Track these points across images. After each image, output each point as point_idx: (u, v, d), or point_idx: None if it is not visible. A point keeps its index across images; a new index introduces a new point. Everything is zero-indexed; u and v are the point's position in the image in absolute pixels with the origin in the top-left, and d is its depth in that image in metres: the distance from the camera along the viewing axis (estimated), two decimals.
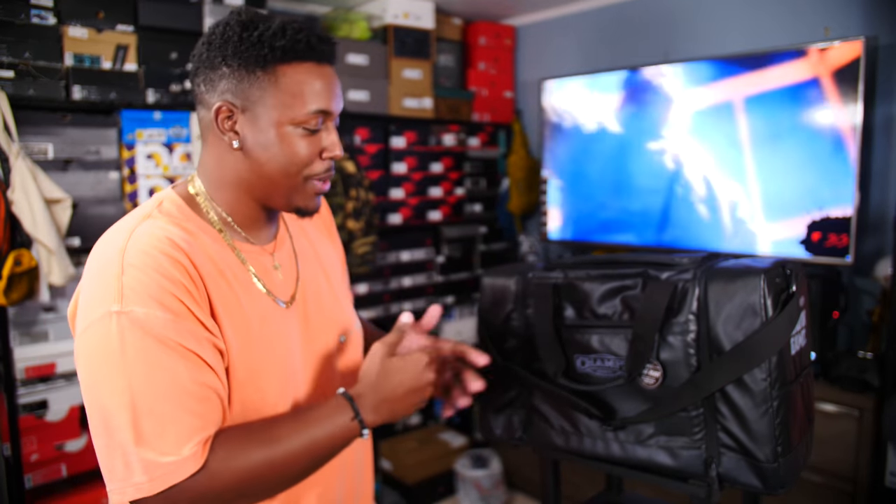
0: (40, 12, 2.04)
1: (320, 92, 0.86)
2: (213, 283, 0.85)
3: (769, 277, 0.94)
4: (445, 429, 3.21)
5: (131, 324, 0.75)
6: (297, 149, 0.87)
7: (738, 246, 2.46)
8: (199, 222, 0.89)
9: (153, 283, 0.77)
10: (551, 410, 1.14)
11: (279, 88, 0.84)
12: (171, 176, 2.32)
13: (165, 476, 0.75)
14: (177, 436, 0.76)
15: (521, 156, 3.35)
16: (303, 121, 0.86)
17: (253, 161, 0.88)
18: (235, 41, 0.84)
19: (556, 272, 1.13)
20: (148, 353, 0.76)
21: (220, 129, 0.87)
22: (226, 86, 0.85)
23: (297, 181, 0.89)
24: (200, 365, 0.79)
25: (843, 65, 2.16)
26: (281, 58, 0.84)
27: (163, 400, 0.76)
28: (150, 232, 0.82)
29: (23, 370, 2.05)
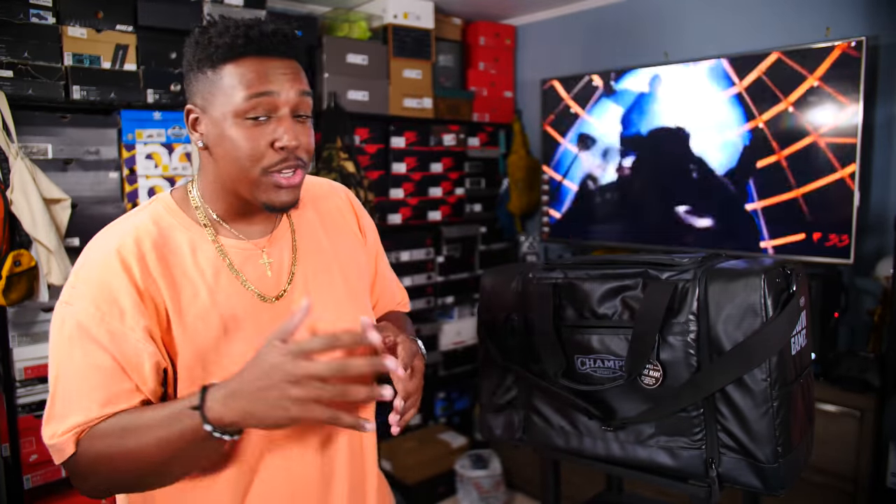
0: (39, 12, 2.04)
1: (257, 80, 0.85)
2: (178, 280, 0.88)
3: (769, 277, 0.93)
4: (445, 429, 3.21)
5: (71, 316, 0.84)
6: (243, 141, 0.86)
7: (738, 246, 2.46)
8: (186, 221, 0.93)
9: (97, 281, 0.85)
10: (551, 410, 1.14)
11: (224, 83, 0.86)
12: (171, 176, 2.32)
13: (57, 453, 0.84)
14: (74, 423, 0.82)
15: (521, 156, 3.35)
16: (243, 110, 0.85)
17: (217, 157, 0.90)
18: (194, 45, 0.88)
19: (556, 272, 1.13)
20: (74, 346, 0.84)
21: (190, 132, 0.92)
22: (191, 89, 0.90)
23: (254, 175, 0.87)
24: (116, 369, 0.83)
25: (843, 64, 2.16)
26: (224, 56, 0.85)
27: (72, 389, 0.83)
28: (119, 231, 0.89)
29: (22, 370, 2.04)
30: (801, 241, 2.29)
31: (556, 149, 3.05)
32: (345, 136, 2.68)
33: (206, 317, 0.88)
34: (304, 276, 0.98)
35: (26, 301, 1.94)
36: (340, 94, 2.74)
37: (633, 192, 2.81)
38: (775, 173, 2.35)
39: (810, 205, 2.27)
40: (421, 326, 3.06)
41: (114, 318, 0.83)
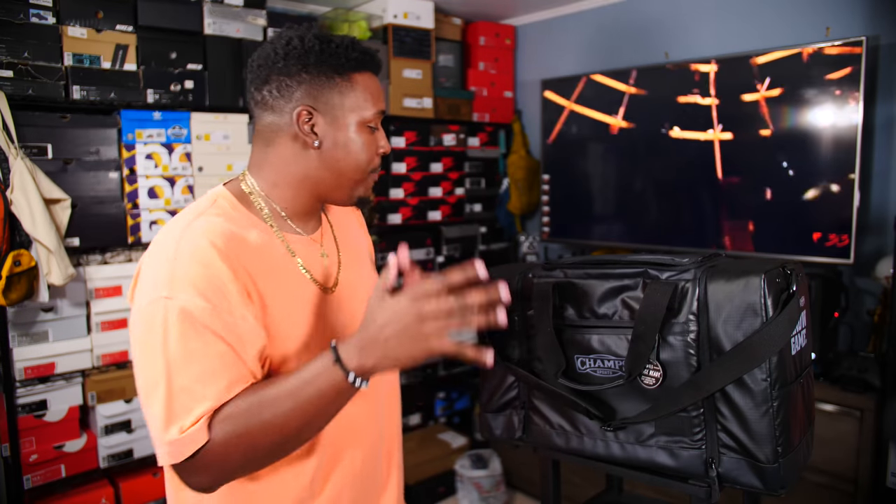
0: (39, 12, 2.04)
1: (379, 95, 1.01)
2: (260, 273, 0.92)
3: (769, 277, 0.93)
4: (445, 429, 3.21)
5: (175, 309, 0.84)
6: (367, 145, 0.99)
7: (738, 246, 2.46)
8: (251, 217, 0.98)
9: (199, 274, 0.85)
10: (551, 410, 1.14)
11: (356, 92, 0.97)
12: (171, 176, 2.32)
13: (181, 450, 0.82)
14: (201, 413, 0.83)
15: (521, 156, 3.35)
16: (370, 120, 0.99)
17: (328, 158, 0.98)
18: (317, 52, 0.95)
19: (556, 272, 1.12)
20: (187, 339, 0.84)
21: (300, 131, 0.96)
22: (305, 91, 0.96)
23: (364, 175, 1.01)
24: (233, 356, 0.86)
25: (843, 64, 2.16)
26: (354, 67, 0.97)
27: (193, 382, 0.83)
28: (203, 227, 0.90)
29: (22, 370, 2.05)
30: (801, 241, 2.29)
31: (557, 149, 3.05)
32: None
33: (284, 307, 0.94)
34: (347, 266, 1.09)
35: (26, 301, 1.94)
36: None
37: (633, 192, 2.81)
38: (775, 173, 2.35)
39: (810, 205, 2.27)
40: None
41: (223, 307, 0.85)
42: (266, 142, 1.00)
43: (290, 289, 0.96)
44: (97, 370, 2.20)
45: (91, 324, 2.18)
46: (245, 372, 0.87)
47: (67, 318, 2.13)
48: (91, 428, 2.24)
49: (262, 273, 0.92)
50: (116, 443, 2.23)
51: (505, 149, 3.48)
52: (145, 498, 2.32)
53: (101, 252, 2.25)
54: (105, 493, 2.23)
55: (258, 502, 0.96)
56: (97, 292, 2.18)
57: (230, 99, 2.46)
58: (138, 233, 2.26)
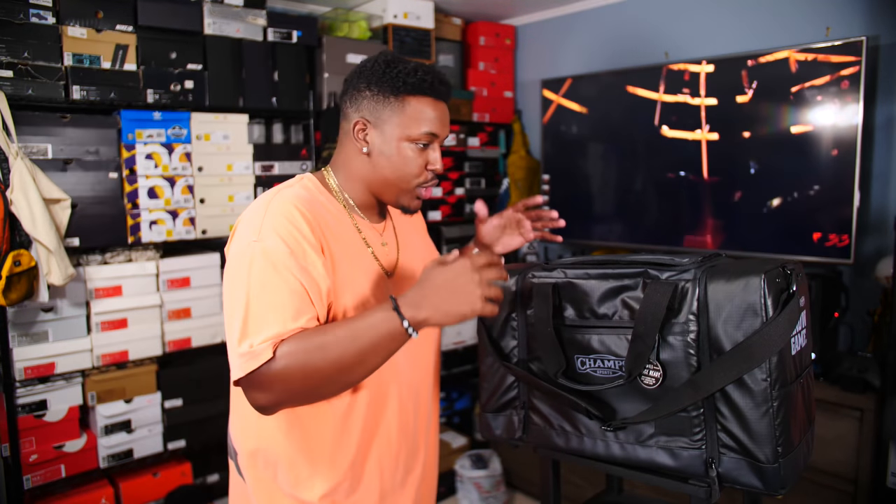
0: (39, 12, 2.04)
1: (432, 119, 1.13)
2: (334, 239, 1.09)
3: (769, 277, 0.93)
4: (445, 429, 3.21)
5: (261, 250, 1.01)
6: (409, 160, 1.13)
7: (738, 246, 2.46)
8: (329, 198, 1.16)
9: (283, 226, 1.03)
10: (551, 411, 1.14)
11: (404, 112, 1.11)
12: (171, 176, 2.32)
13: (250, 360, 0.96)
14: (271, 335, 0.97)
15: (521, 156, 3.35)
16: (416, 139, 1.12)
17: (375, 164, 1.14)
18: (379, 73, 1.11)
19: (556, 272, 1.12)
20: (266, 272, 1.00)
21: (354, 138, 1.14)
22: (366, 105, 1.12)
23: (407, 186, 1.15)
24: (302, 293, 1.01)
25: (843, 64, 2.16)
26: (410, 91, 1.11)
27: (267, 307, 0.99)
28: (290, 194, 1.09)
29: (22, 370, 2.05)
30: (801, 241, 2.29)
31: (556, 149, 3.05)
32: None
33: (349, 271, 1.09)
34: (405, 258, 1.25)
35: (26, 301, 1.94)
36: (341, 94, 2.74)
37: (634, 192, 2.81)
38: (775, 173, 2.35)
39: (810, 205, 2.27)
40: None
41: (300, 253, 1.02)
42: (340, 144, 1.18)
43: (356, 258, 1.12)
44: (97, 370, 2.20)
45: (91, 324, 2.18)
46: (310, 307, 1.02)
47: (67, 318, 2.13)
48: (91, 428, 2.24)
49: (335, 239, 1.09)
50: (116, 443, 2.23)
51: (505, 149, 3.48)
52: (145, 498, 2.32)
53: (101, 252, 2.25)
54: (105, 493, 2.23)
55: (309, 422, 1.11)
56: (97, 292, 2.18)
57: (230, 99, 2.46)
58: (138, 233, 2.26)
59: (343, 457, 1.13)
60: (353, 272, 1.11)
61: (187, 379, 2.38)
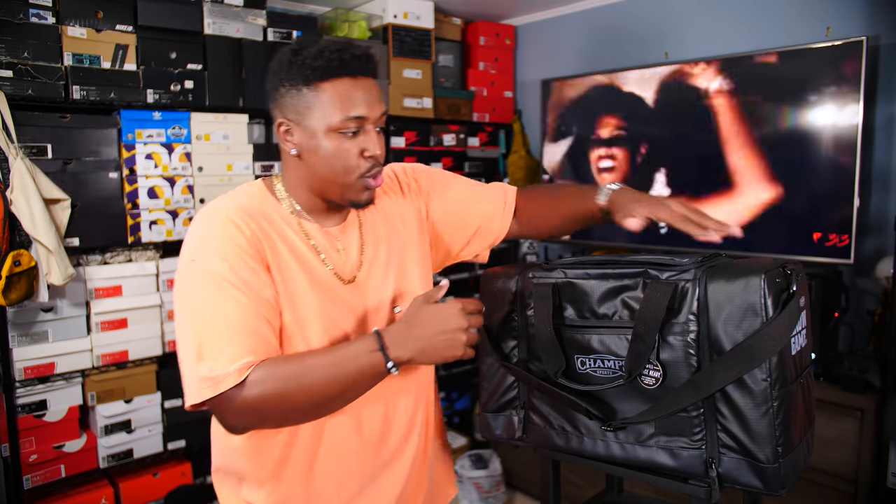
0: (39, 12, 2.04)
1: (354, 101, 1.01)
2: (275, 249, 1.03)
3: (769, 277, 0.93)
4: (446, 429, 3.21)
5: (200, 269, 0.98)
6: (339, 151, 1.03)
7: (738, 246, 2.46)
8: (275, 204, 1.09)
9: (219, 240, 0.99)
10: (551, 411, 1.14)
11: (321, 101, 1.01)
12: (171, 176, 2.31)
13: (213, 385, 0.92)
14: (226, 357, 0.93)
15: (521, 156, 3.35)
16: (340, 126, 1.01)
17: (308, 164, 1.05)
18: (286, 65, 1.02)
19: (556, 272, 1.12)
20: (211, 293, 0.96)
21: (281, 141, 1.06)
22: (283, 103, 1.04)
23: (348, 180, 1.05)
24: (250, 307, 0.97)
25: (843, 64, 2.16)
26: (320, 76, 1.00)
27: (218, 328, 0.95)
28: (228, 206, 1.04)
29: (22, 370, 2.05)
30: (801, 241, 2.29)
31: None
32: None
33: (293, 283, 1.04)
34: (370, 262, 1.14)
35: (26, 301, 1.94)
36: None
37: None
38: (775, 173, 2.35)
39: (810, 205, 2.26)
40: None
41: (240, 266, 0.98)
42: (280, 149, 1.10)
43: (301, 268, 1.05)
44: (97, 370, 2.20)
45: (91, 324, 2.18)
46: (262, 322, 0.98)
47: (67, 318, 2.13)
48: (91, 428, 2.24)
49: (276, 249, 1.03)
50: (116, 443, 2.23)
51: (505, 149, 3.48)
52: (145, 498, 2.32)
53: (100, 252, 2.25)
54: (105, 493, 2.23)
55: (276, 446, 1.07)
56: (97, 292, 2.18)
57: (230, 99, 2.46)
58: (138, 233, 2.26)
59: (293, 471, 1.08)
60: (298, 283, 1.04)
61: None
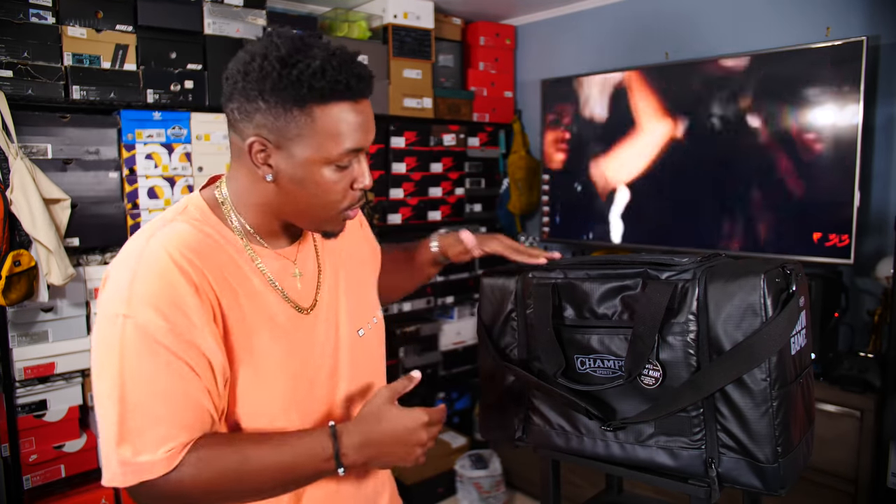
0: (39, 12, 2.04)
1: (356, 131, 0.87)
2: (226, 288, 0.88)
3: (769, 277, 0.93)
4: (445, 429, 3.21)
5: (133, 328, 0.80)
6: (330, 185, 0.88)
7: (738, 246, 2.46)
8: (222, 228, 0.92)
9: (158, 292, 0.82)
10: (551, 411, 1.14)
11: (315, 129, 0.85)
12: (171, 176, 2.31)
13: (136, 473, 0.80)
14: (155, 438, 0.80)
15: (521, 156, 3.35)
16: (337, 160, 0.87)
17: (286, 193, 0.89)
18: (274, 78, 0.83)
19: (556, 272, 1.12)
20: (142, 358, 0.81)
21: (252, 162, 0.88)
22: (261, 120, 0.85)
23: (331, 214, 0.92)
24: (191, 376, 0.83)
25: (843, 65, 2.16)
26: (319, 99, 0.84)
27: (148, 402, 0.81)
28: (167, 237, 0.85)
29: (21, 370, 2.04)
30: (801, 241, 2.29)
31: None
32: None
33: (250, 324, 0.90)
34: (332, 282, 1.03)
35: (26, 301, 1.94)
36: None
37: (633, 191, 2.81)
38: (775, 173, 2.35)
39: (810, 205, 2.26)
40: (421, 326, 3.06)
41: (183, 325, 0.82)
42: (236, 157, 0.93)
43: (256, 306, 0.91)
44: None
45: (91, 324, 2.18)
46: (204, 394, 0.84)
47: (67, 318, 2.13)
48: (91, 428, 2.24)
49: (228, 289, 0.88)
50: None
51: (505, 149, 3.48)
52: None
53: (100, 252, 2.25)
54: (105, 493, 2.22)
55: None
56: (97, 292, 2.17)
57: None
58: None
59: None
60: (257, 333, 0.90)
61: None
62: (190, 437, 0.83)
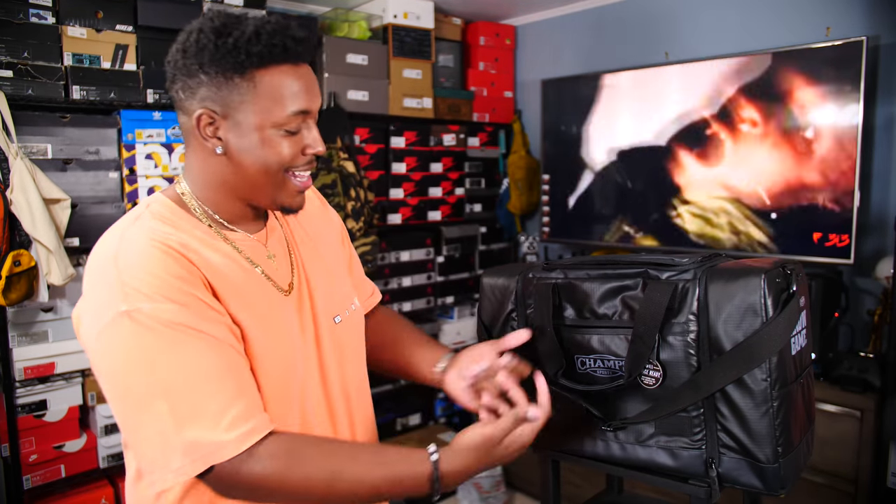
0: (39, 12, 2.04)
1: (299, 93, 0.87)
2: (211, 270, 0.87)
3: (769, 277, 0.93)
4: (445, 429, 3.21)
5: (142, 320, 0.78)
6: (280, 150, 0.88)
7: (738, 246, 2.46)
8: (190, 219, 0.92)
9: (152, 279, 0.80)
10: (550, 411, 1.14)
11: (258, 94, 0.85)
12: (171, 176, 2.31)
13: (205, 457, 0.78)
14: (212, 413, 0.79)
15: (521, 156, 3.35)
16: (283, 123, 0.87)
17: (236, 164, 0.89)
18: (211, 49, 0.84)
19: (556, 272, 1.12)
20: (166, 343, 0.79)
21: (202, 136, 0.88)
22: (205, 93, 0.86)
23: (280, 181, 0.91)
24: (217, 345, 0.82)
25: (843, 65, 2.16)
26: (258, 63, 0.85)
27: (193, 382, 0.79)
28: (140, 232, 0.85)
29: (21, 370, 2.04)
30: (801, 241, 2.29)
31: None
32: (344, 135, 2.68)
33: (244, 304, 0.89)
34: (303, 266, 1.02)
35: (26, 301, 1.94)
36: (340, 93, 2.74)
37: (633, 191, 2.81)
38: (775, 173, 2.35)
39: (810, 205, 2.26)
40: (421, 326, 3.05)
41: (188, 300, 0.81)
42: (188, 144, 0.93)
43: (244, 285, 0.90)
44: None
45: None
46: (240, 359, 0.84)
47: (67, 318, 2.13)
48: (91, 428, 2.24)
49: (212, 270, 0.87)
50: (116, 443, 2.23)
51: (505, 149, 3.48)
52: None
53: None
54: (105, 493, 2.23)
55: None
56: None
57: None
58: None
59: None
60: (247, 303, 0.89)
61: None
62: (245, 404, 0.81)
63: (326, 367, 1.00)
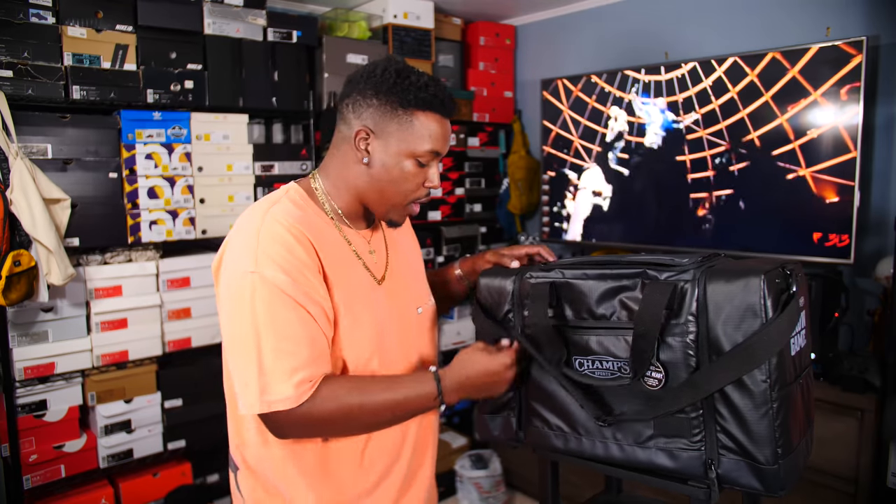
0: (39, 12, 2.04)
1: (439, 138, 1.10)
2: (326, 256, 1.08)
3: (769, 278, 0.93)
4: (445, 429, 3.21)
5: (262, 281, 1.00)
6: (409, 175, 1.11)
7: (738, 246, 2.46)
8: (316, 209, 1.13)
9: (279, 253, 1.01)
10: (549, 412, 1.14)
11: (411, 127, 1.08)
12: (171, 176, 2.31)
13: (270, 403, 0.99)
14: (286, 370, 0.99)
15: (521, 156, 3.35)
16: (420, 155, 1.10)
17: (373, 176, 1.11)
18: (390, 82, 1.07)
19: (554, 272, 1.12)
20: (271, 305, 1.00)
21: (355, 146, 1.10)
22: (370, 114, 1.09)
23: (402, 201, 1.14)
24: (310, 320, 1.02)
25: (843, 64, 2.16)
26: (421, 106, 1.08)
27: (279, 340, 0.99)
28: (280, 213, 1.06)
29: (21, 370, 2.05)
30: (801, 241, 2.29)
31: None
32: None
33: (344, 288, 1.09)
34: (394, 263, 1.23)
35: (26, 301, 1.94)
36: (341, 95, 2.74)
37: (633, 191, 2.81)
38: (774, 173, 2.34)
39: (810, 205, 2.26)
40: None
41: (301, 280, 1.01)
42: (335, 148, 1.15)
43: (348, 273, 1.12)
44: (97, 370, 2.20)
45: (91, 324, 2.18)
46: (322, 337, 1.03)
47: (67, 318, 2.13)
48: (91, 428, 2.24)
49: (327, 255, 1.08)
50: (116, 443, 2.23)
51: (505, 149, 3.48)
52: (145, 498, 2.32)
53: (100, 252, 2.25)
54: (105, 493, 2.23)
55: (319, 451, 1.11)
56: (97, 292, 2.18)
57: (230, 99, 2.46)
58: (138, 233, 2.26)
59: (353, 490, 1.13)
60: (347, 287, 1.10)
61: (187, 379, 2.38)
62: (313, 371, 1.01)
63: (409, 347, 1.20)
